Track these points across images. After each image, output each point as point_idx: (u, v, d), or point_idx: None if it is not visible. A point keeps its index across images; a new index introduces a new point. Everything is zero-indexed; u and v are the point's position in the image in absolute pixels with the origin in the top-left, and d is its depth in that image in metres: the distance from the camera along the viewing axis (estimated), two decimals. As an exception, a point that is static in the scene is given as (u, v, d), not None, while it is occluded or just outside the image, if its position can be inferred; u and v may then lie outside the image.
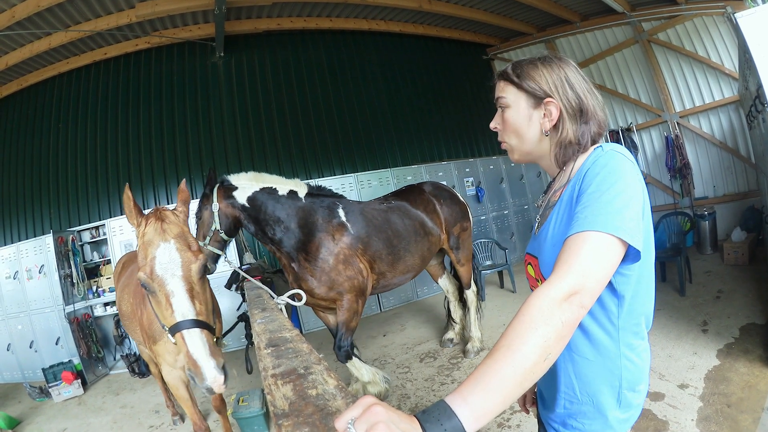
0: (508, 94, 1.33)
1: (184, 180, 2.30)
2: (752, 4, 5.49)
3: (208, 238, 3.61)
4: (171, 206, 2.14)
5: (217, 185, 3.74)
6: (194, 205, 6.66)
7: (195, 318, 1.78)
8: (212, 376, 1.71)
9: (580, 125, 1.23)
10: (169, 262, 1.84)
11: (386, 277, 4.14)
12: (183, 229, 1.98)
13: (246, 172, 3.85)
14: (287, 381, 1.15)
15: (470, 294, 5.09)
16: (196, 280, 1.88)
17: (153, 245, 1.85)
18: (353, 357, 4.02)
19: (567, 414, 1.27)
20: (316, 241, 3.79)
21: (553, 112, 1.24)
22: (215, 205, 3.67)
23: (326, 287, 3.79)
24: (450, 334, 5.42)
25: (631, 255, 1.04)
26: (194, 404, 2.93)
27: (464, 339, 5.27)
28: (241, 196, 3.70)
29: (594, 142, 1.25)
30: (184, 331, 1.75)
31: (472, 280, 5.11)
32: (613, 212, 0.99)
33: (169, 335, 1.79)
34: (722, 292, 5.50)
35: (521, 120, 1.31)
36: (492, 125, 1.39)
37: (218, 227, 3.61)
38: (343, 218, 3.97)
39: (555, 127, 1.26)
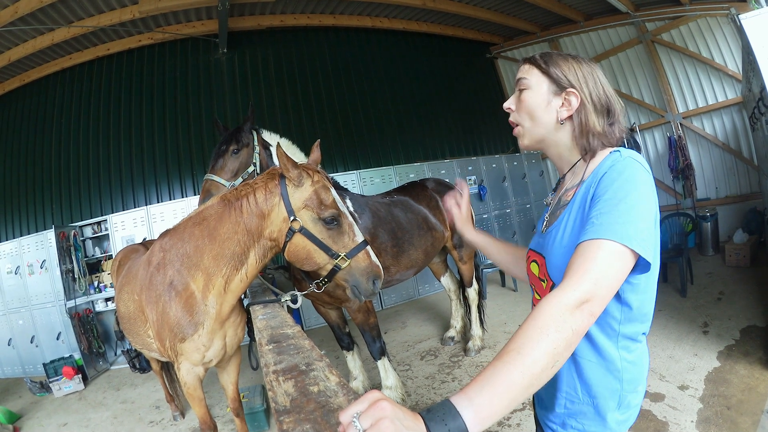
0: (531, 76, 1.32)
1: (318, 140, 2.64)
2: (756, 5, 5.46)
3: (240, 179, 3.29)
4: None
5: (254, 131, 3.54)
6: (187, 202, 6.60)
7: None
8: (383, 276, 2.38)
9: (607, 123, 1.25)
10: (340, 200, 2.32)
11: (390, 272, 4.06)
12: None
13: (280, 136, 3.69)
14: (289, 377, 1.15)
15: (471, 292, 5.08)
16: None
17: (329, 189, 2.28)
18: (386, 356, 3.97)
19: (567, 414, 1.27)
20: None
21: (572, 102, 1.25)
22: (256, 148, 3.45)
23: (334, 281, 3.69)
24: (451, 332, 5.41)
25: (640, 266, 1.04)
26: (205, 404, 2.84)
27: (465, 337, 5.27)
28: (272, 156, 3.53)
29: (617, 144, 1.26)
30: (368, 247, 2.33)
31: (474, 279, 5.10)
32: (628, 222, 0.99)
33: (347, 257, 2.26)
34: (723, 293, 5.49)
35: (539, 103, 1.30)
36: (506, 105, 1.39)
37: (258, 171, 3.37)
38: (351, 208, 3.89)
39: (571, 117, 1.27)
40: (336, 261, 2.25)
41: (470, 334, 5.09)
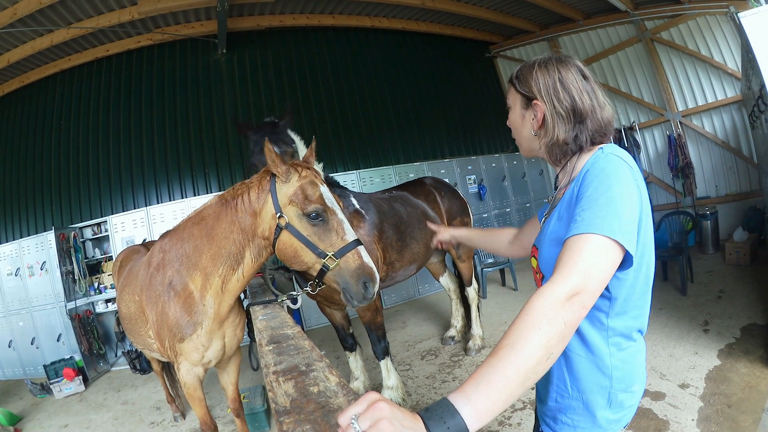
0: (510, 96, 1.41)
1: (314, 138, 2.62)
2: (755, 3, 5.47)
3: None
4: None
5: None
6: (191, 203, 6.59)
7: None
8: (378, 279, 2.19)
9: (574, 125, 1.26)
10: (331, 198, 2.23)
11: (395, 267, 4.03)
12: None
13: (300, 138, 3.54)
14: (289, 378, 1.16)
15: (471, 291, 5.08)
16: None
17: (317, 186, 2.20)
18: (389, 356, 3.94)
19: (558, 408, 1.29)
20: None
21: (538, 113, 1.30)
22: (297, 151, 3.37)
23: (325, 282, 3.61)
24: (451, 332, 5.41)
25: (626, 260, 1.05)
26: (206, 404, 2.84)
27: (466, 337, 5.27)
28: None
29: (593, 141, 1.26)
30: (359, 247, 2.17)
31: (473, 278, 5.10)
32: (610, 215, 1.02)
33: (335, 257, 2.13)
34: (724, 292, 5.49)
35: (516, 120, 1.40)
36: (507, 123, 1.48)
37: None
38: (357, 205, 3.89)
39: (543, 127, 1.31)
40: (324, 260, 2.14)
41: (470, 334, 5.09)
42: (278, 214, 2.18)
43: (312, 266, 2.20)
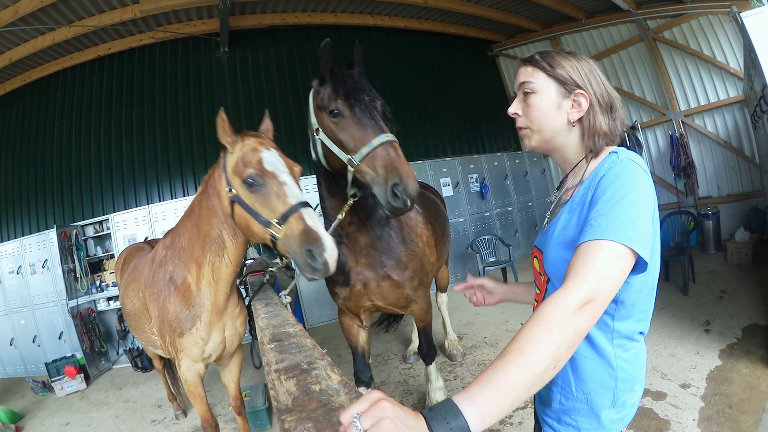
0: (537, 79, 1.28)
1: (266, 110, 2.45)
2: (757, 3, 5.45)
3: None
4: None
5: None
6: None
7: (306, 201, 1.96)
8: (331, 246, 1.84)
9: (611, 119, 1.25)
10: (276, 161, 2.04)
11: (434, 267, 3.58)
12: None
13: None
14: (290, 376, 1.15)
15: (444, 297, 4.98)
16: (297, 179, 2.08)
17: (257, 150, 2.05)
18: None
19: (562, 410, 1.28)
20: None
21: (582, 103, 1.24)
22: None
23: (412, 277, 2.96)
24: (415, 346, 5.00)
25: (638, 266, 1.04)
26: (207, 401, 2.84)
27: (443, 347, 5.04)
28: None
29: (620, 140, 1.26)
30: (302, 210, 1.90)
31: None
32: (627, 222, 1.00)
33: (278, 224, 1.90)
34: (725, 292, 5.48)
35: (549, 107, 1.27)
36: (511, 111, 1.35)
37: None
38: None
39: (580, 119, 1.26)
40: (269, 229, 1.95)
41: (449, 341, 4.96)
42: (228, 188, 2.10)
43: (264, 237, 2.03)
